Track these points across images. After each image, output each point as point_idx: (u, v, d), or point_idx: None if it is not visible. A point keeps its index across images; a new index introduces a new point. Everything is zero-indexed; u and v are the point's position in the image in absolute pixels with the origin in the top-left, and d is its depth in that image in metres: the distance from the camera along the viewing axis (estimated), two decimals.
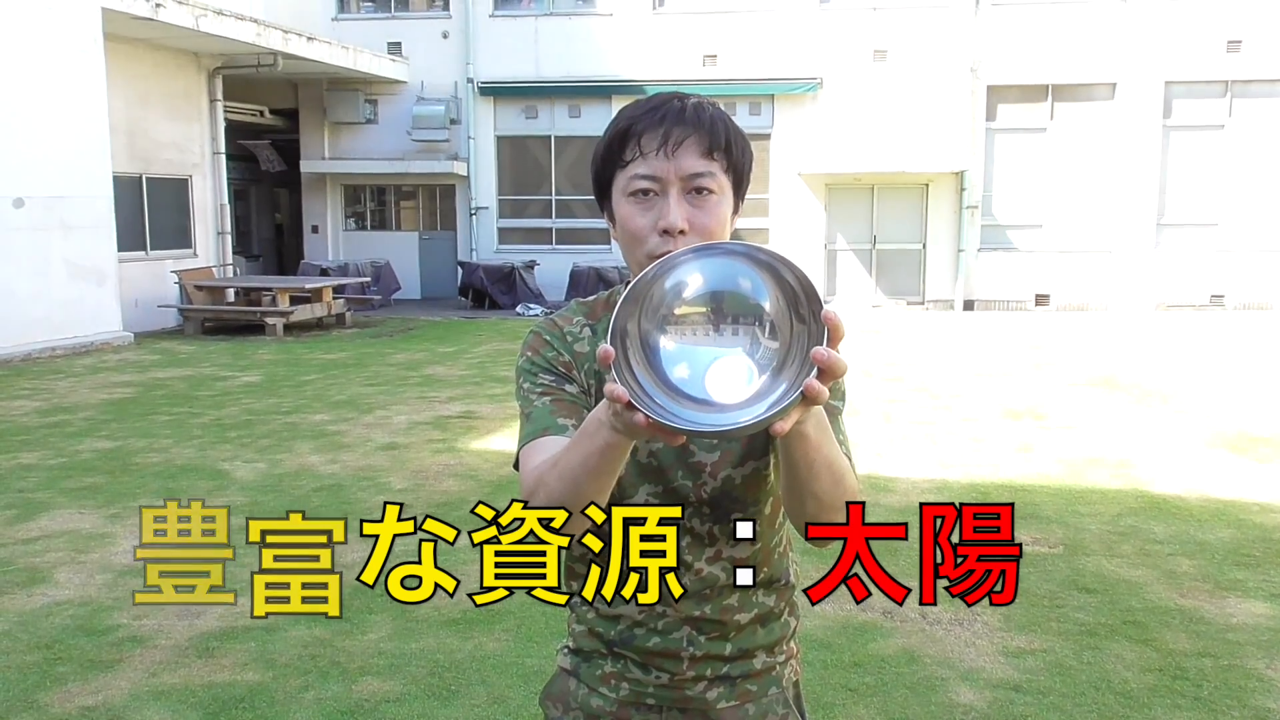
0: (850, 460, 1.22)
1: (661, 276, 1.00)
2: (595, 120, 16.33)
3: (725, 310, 0.99)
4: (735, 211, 1.25)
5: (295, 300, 12.81)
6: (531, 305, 15.23)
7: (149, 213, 13.05)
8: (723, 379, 0.97)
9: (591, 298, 1.36)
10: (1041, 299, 15.66)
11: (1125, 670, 3.33)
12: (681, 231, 1.17)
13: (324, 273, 15.01)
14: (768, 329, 0.99)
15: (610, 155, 1.23)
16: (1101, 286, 15.43)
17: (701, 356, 0.98)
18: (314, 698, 3.11)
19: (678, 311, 0.99)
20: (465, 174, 16.68)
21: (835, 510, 1.15)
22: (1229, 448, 6.36)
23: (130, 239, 12.43)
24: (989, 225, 15.72)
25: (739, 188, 1.24)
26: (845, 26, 15.45)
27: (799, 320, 0.97)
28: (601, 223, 1.29)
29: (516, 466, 1.24)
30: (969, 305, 15.76)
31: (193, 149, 13.83)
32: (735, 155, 1.22)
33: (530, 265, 15.98)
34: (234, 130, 15.75)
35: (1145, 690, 3.19)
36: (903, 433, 6.81)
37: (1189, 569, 4.23)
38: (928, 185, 15.76)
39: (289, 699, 3.10)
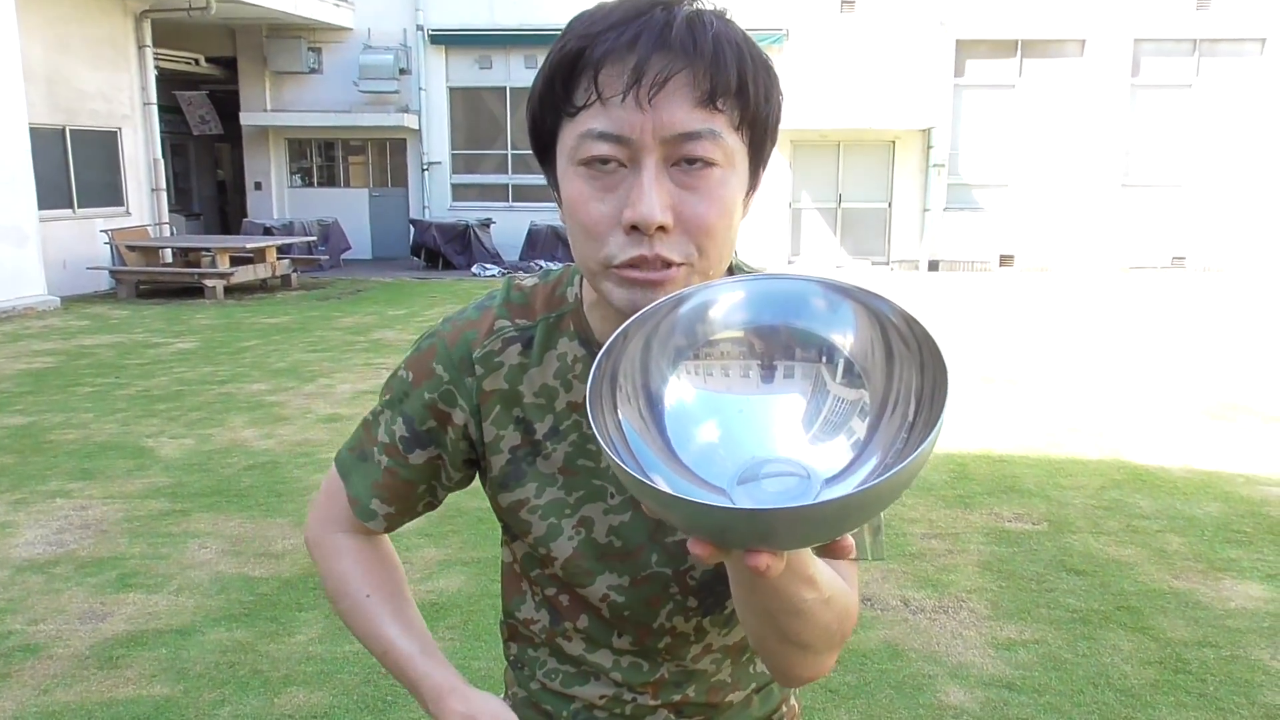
0: (869, 552, 0.87)
1: (672, 304, 0.66)
2: None
3: (780, 338, 0.64)
4: (752, 190, 0.82)
5: (236, 261, 12.20)
6: (488, 265, 14.74)
7: (74, 168, 12.25)
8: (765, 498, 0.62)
9: (531, 282, 0.93)
10: (1006, 259, 15.54)
11: (1124, 664, 3.09)
12: (661, 228, 0.74)
13: (268, 231, 14.35)
14: (840, 369, 0.63)
15: (551, 95, 0.77)
16: (1065, 247, 15.33)
17: (734, 412, 0.63)
18: (230, 714, 2.74)
19: (701, 342, 0.65)
20: (416, 127, 16.04)
21: (828, 651, 0.82)
22: (1207, 414, 6.19)
23: (54, 196, 11.67)
24: (955, 184, 15.51)
25: (758, 151, 0.80)
26: None
27: (893, 360, 0.63)
28: None
29: (336, 459, 1.00)
30: (934, 266, 15.58)
31: (121, 99, 13.01)
32: (754, 100, 0.76)
33: (486, 224, 15.46)
34: (168, 80, 14.94)
35: (1147, 686, 2.95)
36: None
37: (1179, 547, 4.02)
38: (894, 142, 15.47)
39: (201, 716, 2.73)
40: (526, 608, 0.99)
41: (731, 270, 0.90)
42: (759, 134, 0.79)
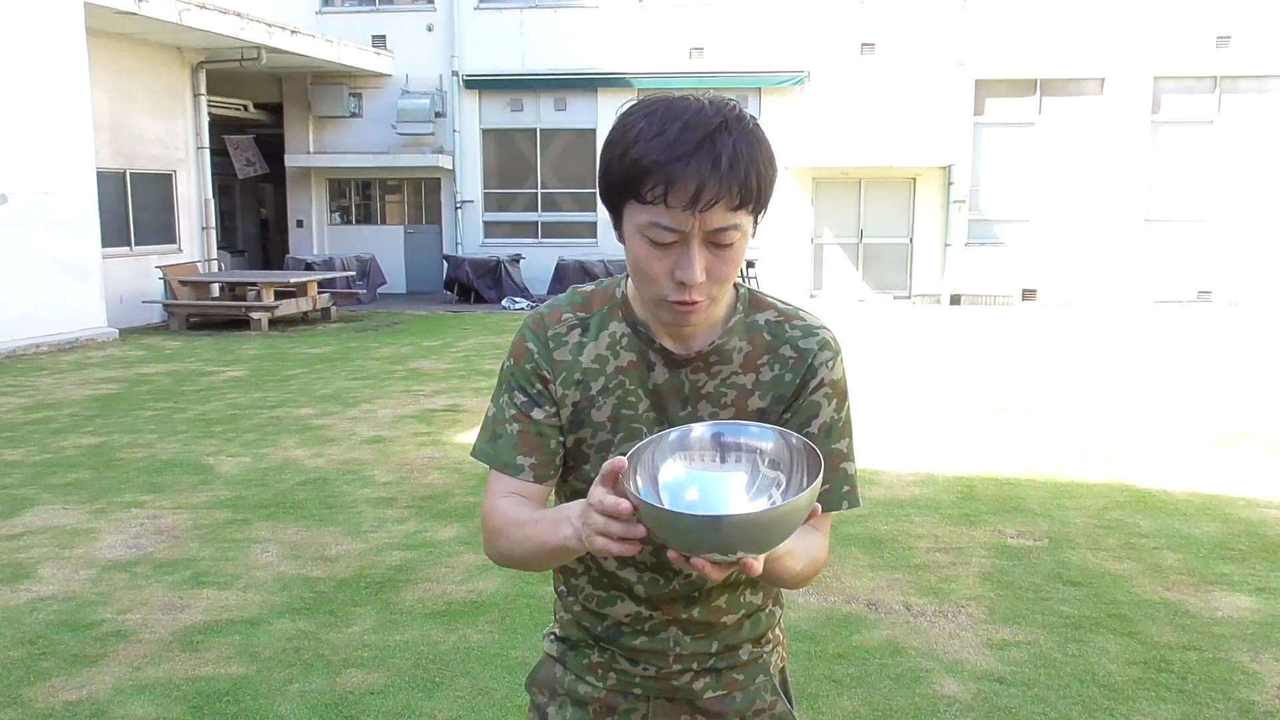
0: (845, 502, 1.25)
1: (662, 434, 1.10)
2: (581, 113, 16.30)
3: (729, 441, 1.10)
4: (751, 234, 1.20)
5: (280, 295, 12.75)
6: (517, 299, 15.20)
7: (133, 208, 12.94)
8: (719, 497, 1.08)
9: (590, 287, 1.29)
10: (1028, 294, 15.72)
11: (1110, 663, 3.33)
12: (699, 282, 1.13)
13: (309, 267, 14.94)
14: (768, 461, 1.08)
15: (629, 181, 1.11)
16: (1088, 282, 15.48)
17: (706, 481, 1.09)
18: (298, 690, 3.09)
19: (684, 445, 1.10)
20: (450, 167, 16.62)
21: (791, 582, 1.20)
22: (1215, 443, 6.38)
23: (114, 235, 12.34)
24: (976, 220, 15.76)
25: (759, 216, 1.17)
26: (832, 19, 15.45)
27: (794, 453, 1.07)
28: (588, 216, 1.26)
29: (474, 454, 1.29)
30: (955, 300, 15.81)
31: (177, 144, 13.72)
32: (764, 195, 1.13)
33: (516, 259, 15.95)
34: (218, 125, 15.65)
35: (1129, 683, 3.19)
36: (889, 426, 6.82)
37: (1174, 562, 4.23)
38: (915, 179, 15.79)
39: (273, 692, 3.08)
40: None
41: (734, 286, 1.27)
42: (761, 208, 1.15)
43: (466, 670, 3.24)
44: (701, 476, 1.08)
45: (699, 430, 1.10)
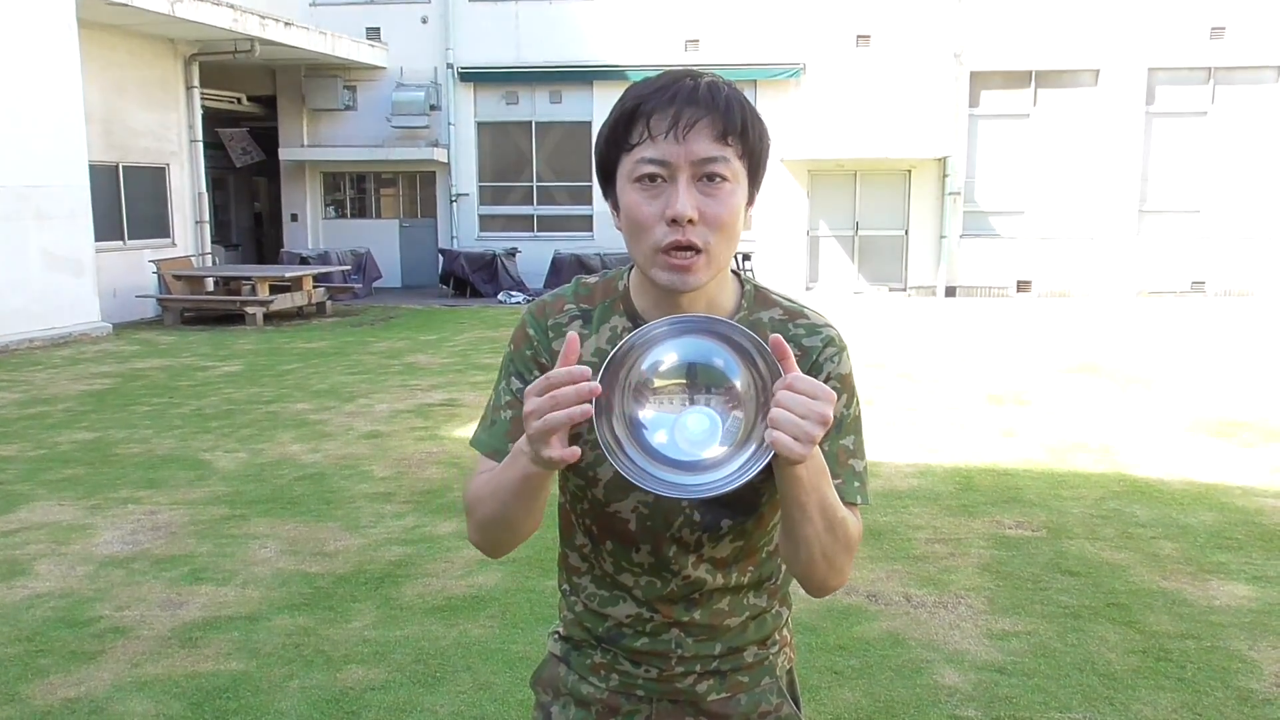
0: (859, 496, 1.20)
1: (639, 352, 1.06)
2: (576, 106, 16.25)
3: (699, 382, 1.07)
4: (750, 202, 1.17)
5: (275, 289, 12.70)
6: (513, 293, 15.17)
7: (126, 202, 12.88)
8: (694, 438, 1.07)
9: (593, 278, 1.27)
10: (1023, 285, 15.75)
11: (1109, 652, 3.34)
12: (690, 221, 1.08)
13: (304, 261, 14.89)
14: (734, 407, 1.07)
15: (616, 137, 1.12)
16: (1083, 273, 15.53)
17: (677, 424, 1.07)
18: (298, 686, 3.08)
19: (655, 384, 1.07)
20: (446, 161, 16.58)
21: (827, 560, 1.13)
22: (1211, 432, 6.41)
23: (107, 229, 12.28)
24: (971, 211, 15.78)
25: (754, 176, 1.15)
26: (828, 11, 15.42)
27: (762, 383, 1.05)
28: (583, 210, 1.23)
29: (471, 443, 1.27)
30: (951, 291, 15.83)
31: (170, 137, 13.66)
32: (752, 140, 1.12)
33: (512, 253, 15.92)
34: (211, 118, 15.58)
35: (1129, 672, 3.21)
36: (886, 418, 6.83)
37: (1171, 552, 4.26)
38: (910, 171, 15.79)
39: (273, 688, 3.07)
40: (578, 537, 1.31)
41: (741, 281, 1.26)
42: (755, 162, 1.15)
43: (468, 665, 3.23)
44: (670, 420, 1.06)
45: (668, 362, 1.07)
